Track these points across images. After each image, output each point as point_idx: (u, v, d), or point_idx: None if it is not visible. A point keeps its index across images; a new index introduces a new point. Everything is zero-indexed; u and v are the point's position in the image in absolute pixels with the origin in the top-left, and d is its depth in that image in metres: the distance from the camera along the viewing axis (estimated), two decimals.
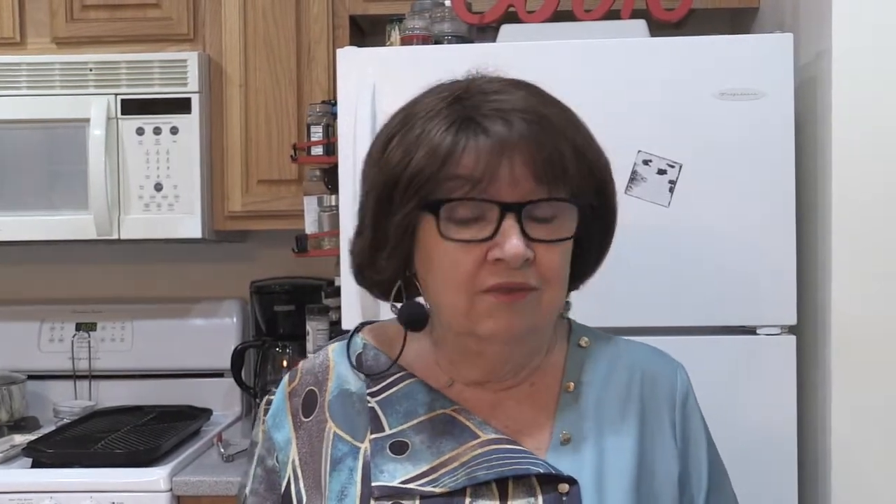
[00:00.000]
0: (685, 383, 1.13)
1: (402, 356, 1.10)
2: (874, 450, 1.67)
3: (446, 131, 0.97)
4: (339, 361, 1.13)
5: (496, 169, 0.96)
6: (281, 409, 1.13)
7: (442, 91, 1.03)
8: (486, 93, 1.00)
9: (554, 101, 1.04)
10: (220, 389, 2.69)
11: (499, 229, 0.97)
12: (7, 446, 2.29)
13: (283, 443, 1.11)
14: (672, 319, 1.76)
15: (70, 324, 2.73)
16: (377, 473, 1.03)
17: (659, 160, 1.76)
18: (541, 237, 0.98)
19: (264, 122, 2.44)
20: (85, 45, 2.48)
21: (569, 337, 1.14)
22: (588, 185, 1.02)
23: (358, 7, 2.45)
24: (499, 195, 0.97)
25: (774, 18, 2.15)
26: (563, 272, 1.02)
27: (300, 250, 2.25)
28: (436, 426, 1.05)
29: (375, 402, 1.08)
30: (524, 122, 0.97)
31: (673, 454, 1.08)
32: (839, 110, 1.67)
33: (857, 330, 1.67)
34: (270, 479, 1.12)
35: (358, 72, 1.83)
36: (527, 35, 1.88)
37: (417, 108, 1.02)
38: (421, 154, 0.98)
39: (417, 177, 0.98)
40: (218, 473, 2.16)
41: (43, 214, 2.42)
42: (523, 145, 0.97)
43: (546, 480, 1.00)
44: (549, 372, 1.10)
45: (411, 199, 0.99)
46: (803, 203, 1.78)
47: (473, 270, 0.98)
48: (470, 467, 1.01)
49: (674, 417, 1.10)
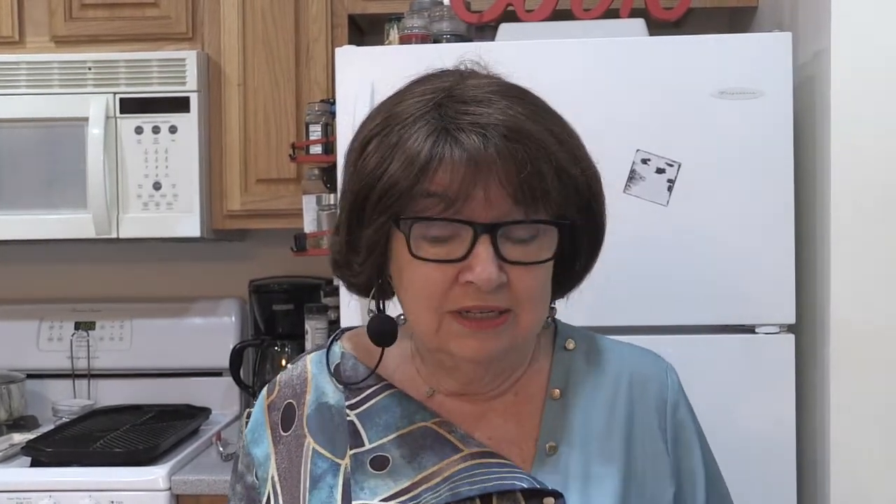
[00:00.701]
0: (676, 386, 1.09)
1: (382, 366, 1.05)
2: (873, 449, 1.67)
3: (424, 142, 0.92)
4: (317, 373, 1.09)
5: (470, 188, 0.91)
6: (260, 424, 1.10)
7: (426, 92, 0.97)
8: (466, 102, 0.94)
9: (540, 113, 0.97)
10: (219, 388, 2.69)
11: (472, 251, 0.92)
12: (6, 445, 2.29)
13: (262, 458, 1.08)
14: (670, 318, 1.76)
15: (69, 323, 2.73)
16: (357, 491, 0.99)
17: (657, 159, 1.76)
18: (517, 259, 0.94)
19: (263, 121, 2.44)
20: (84, 44, 2.48)
21: (554, 340, 1.10)
22: (572, 204, 0.97)
23: (357, 6, 2.45)
24: (473, 215, 0.92)
25: (773, 17, 2.15)
26: (540, 293, 0.98)
27: (299, 249, 2.25)
28: (416, 440, 1.01)
29: (354, 415, 1.04)
30: (503, 139, 0.91)
31: (664, 462, 1.05)
32: (838, 109, 1.67)
33: (855, 329, 1.67)
34: (250, 495, 1.09)
35: (357, 71, 1.83)
36: (525, 34, 1.88)
37: (399, 110, 0.97)
38: (395, 165, 0.93)
39: (390, 192, 0.93)
40: (217, 472, 2.16)
41: (42, 213, 2.42)
42: (500, 164, 0.91)
43: (531, 495, 0.97)
44: (534, 379, 1.07)
45: (383, 214, 0.95)
46: (802, 202, 1.78)
47: (444, 290, 0.94)
48: (453, 482, 0.97)
49: (664, 423, 1.06)
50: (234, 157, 2.45)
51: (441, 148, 0.92)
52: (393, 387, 1.06)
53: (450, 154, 0.91)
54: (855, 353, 1.67)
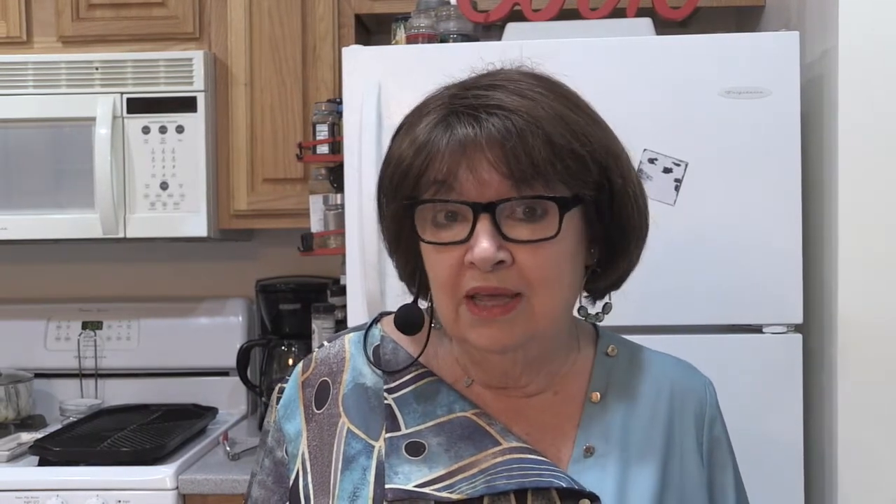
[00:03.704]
0: (714, 401, 1.09)
1: (423, 352, 1.05)
2: (880, 449, 1.66)
3: (428, 129, 0.95)
4: (356, 353, 1.09)
5: (459, 169, 0.92)
6: (293, 400, 1.09)
7: (450, 86, 0.99)
8: (468, 88, 0.96)
9: (544, 93, 0.96)
10: (226, 388, 2.69)
11: (473, 231, 0.93)
12: (14, 444, 2.29)
13: (293, 434, 1.07)
14: (678, 318, 1.76)
15: (76, 322, 2.73)
16: (391, 475, 0.99)
17: (664, 158, 1.76)
18: (521, 238, 0.93)
19: (270, 120, 2.45)
20: (91, 44, 2.48)
21: (596, 344, 1.10)
22: (579, 180, 0.94)
23: (363, 6, 2.45)
24: (469, 196, 0.93)
25: (780, 16, 2.15)
26: (554, 274, 0.95)
27: (306, 249, 2.25)
28: (455, 429, 1.01)
29: (392, 398, 1.04)
30: (494, 118, 0.92)
31: (700, 474, 1.05)
32: (845, 108, 1.67)
33: (863, 329, 1.66)
34: (278, 471, 1.08)
35: (363, 70, 1.83)
36: (532, 33, 1.88)
37: (424, 101, 1.00)
38: (401, 155, 0.97)
39: (400, 178, 0.96)
40: (224, 472, 2.16)
41: (49, 213, 2.43)
42: (490, 143, 0.92)
43: (567, 495, 0.97)
44: (574, 380, 1.06)
45: (393, 200, 0.98)
46: (809, 201, 1.78)
47: (454, 274, 0.94)
48: (489, 475, 0.97)
49: (701, 437, 1.06)
50: (240, 156, 2.46)
51: (437, 135, 0.94)
52: (433, 374, 1.06)
53: (442, 139, 0.93)
54: (862, 352, 1.67)
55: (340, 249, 2.12)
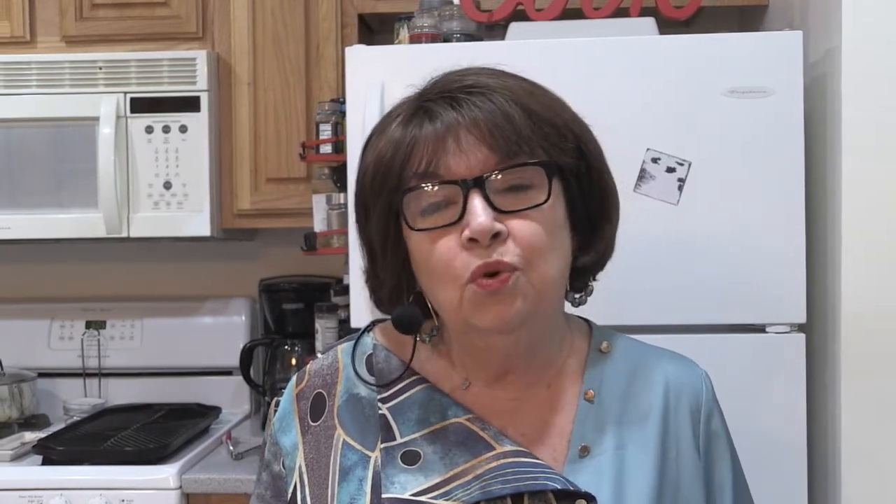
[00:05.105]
0: (710, 394, 1.09)
1: (415, 358, 1.06)
2: (884, 448, 1.66)
3: (400, 126, 0.98)
4: (349, 363, 1.10)
5: (441, 152, 0.95)
6: (288, 413, 1.10)
7: (414, 94, 1.03)
8: (438, 82, 1.00)
9: (512, 76, 1.01)
10: (229, 387, 2.69)
11: (465, 208, 0.94)
12: (17, 444, 2.30)
13: (289, 447, 1.08)
14: (681, 318, 1.76)
15: (80, 322, 2.74)
16: (388, 485, 0.99)
17: (668, 158, 1.76)
18: (511, 207, 0.95)
19: (273, 120, 2.45)
20: (94, 43, 2.49)
21: (589, 340, 1.10)
22: (558, 147, 0.97)
23: (366, 5, 2.45)
24: (456, 174, 0.95)
25: (783, 16, 2.14)
26: (546, 242, 0.96)
27: (309, 248, 2.25)
28: (449, 436, 1.01)
29: (386, 408, 1.04)
30: (470, 96, 0.96)
31: (697, 468, 1.05)
32: (849, 108, 1.67)
33: (866, 328, 1.66)
34: (276, 484, 1.09)
35: (366, 70, 1.83)
36: (535, 33, 1.88)
37: (392, 108, 1.03)
38: (378, 155, 0.99)
39: (376, 177, 0.98)
40: (227, 471, 2.17)
41: (52, 213, 2.43)
42: (474, 120, 0.95)
43: (563, 496, 0.97)
44: (568, 376, 1.06)
45: (378, 200, 0.99)
46: (813, 201, 1.78)
47: (452, 257, 0.95)
48: (484, 481, 0.97)
49: (697, 431, 1.06)
50: (244, 156, 2.46)
51: (414, 127, 0.97)
52: (426, 381, 1.06)
53: (421, 128, 0.96)
54: (866, 352, 1.66)
55: (344, 249, 2.12)
